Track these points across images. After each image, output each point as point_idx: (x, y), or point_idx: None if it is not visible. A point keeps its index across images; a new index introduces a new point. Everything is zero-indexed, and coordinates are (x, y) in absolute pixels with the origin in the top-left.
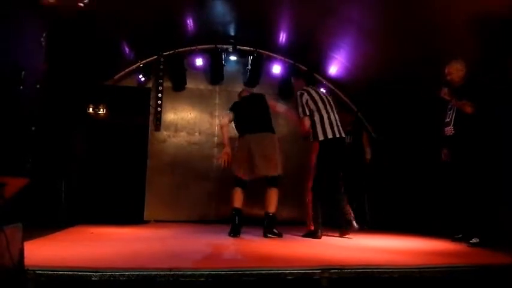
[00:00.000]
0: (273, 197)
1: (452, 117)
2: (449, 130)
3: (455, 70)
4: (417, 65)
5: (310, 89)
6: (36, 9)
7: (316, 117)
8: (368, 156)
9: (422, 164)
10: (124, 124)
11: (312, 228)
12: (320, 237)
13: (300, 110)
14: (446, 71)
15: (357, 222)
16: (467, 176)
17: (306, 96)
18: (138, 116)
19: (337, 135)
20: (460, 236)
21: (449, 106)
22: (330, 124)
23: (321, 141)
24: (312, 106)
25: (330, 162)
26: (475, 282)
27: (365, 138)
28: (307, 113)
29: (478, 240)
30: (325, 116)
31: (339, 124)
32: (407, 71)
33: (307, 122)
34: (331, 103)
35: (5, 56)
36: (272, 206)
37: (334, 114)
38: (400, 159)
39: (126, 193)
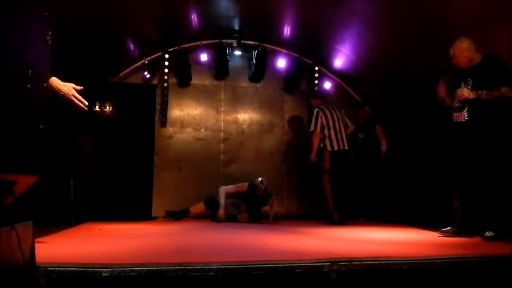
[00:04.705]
0: None
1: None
2: (461, 116)
3: (460, 51)
4: (423, 55)
5: (324, 108)
6: (42, 7)
7: (327, 132)
8: (384, 148)
9: (433, 157)
10: (130, 121)
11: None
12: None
13: (313, 124)
14: (450, 53)
15: (371, 216)
16: (482, 166)
17: (320, 113)
18: (144, 112)
19: (342, 148)
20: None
21: (462, 87)
22: (336, 138)
23: (330, 151)
24: (325, 123)
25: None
26: (484, 273)
27: (379, 130)
28: (318, 129)
29: (492, 234)
30: (333, 132)
31: (344, 138)
32: (412, 62)
33: (317, 135)
34: (340, 119)
35: (13, 54)
36: None
37: (341, 130)
38: (411, 154)
39: (134, 190)
